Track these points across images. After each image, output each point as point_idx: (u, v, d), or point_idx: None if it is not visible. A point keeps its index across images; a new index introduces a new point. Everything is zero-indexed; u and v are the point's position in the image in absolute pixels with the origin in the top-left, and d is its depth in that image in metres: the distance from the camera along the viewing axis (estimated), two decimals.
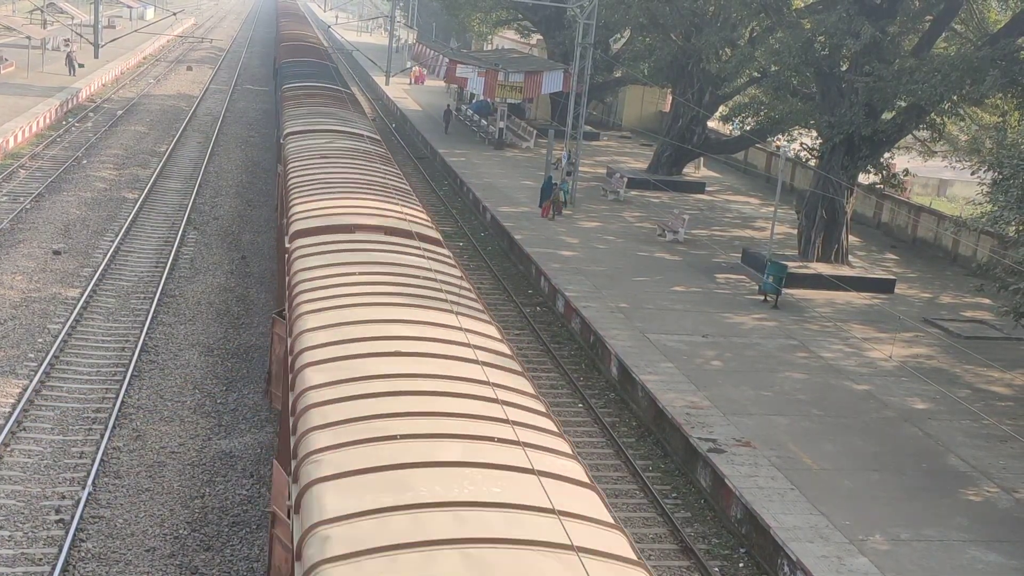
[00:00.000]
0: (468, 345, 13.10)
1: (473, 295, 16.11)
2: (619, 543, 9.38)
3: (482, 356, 12.93)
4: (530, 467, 9.91)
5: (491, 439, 10.63)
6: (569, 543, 8.70)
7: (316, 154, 26.11)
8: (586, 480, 10.54)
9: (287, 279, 16.54)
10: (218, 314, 26.02)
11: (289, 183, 22.80)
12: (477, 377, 12.18)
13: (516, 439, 10.51)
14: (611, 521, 9.77)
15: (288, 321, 14.62)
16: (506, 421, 10.95)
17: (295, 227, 18.74)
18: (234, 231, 34.23)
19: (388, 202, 21.19)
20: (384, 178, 24.00)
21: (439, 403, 11.40)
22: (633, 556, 9.25)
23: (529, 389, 12.54)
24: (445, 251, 18.68)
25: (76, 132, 48.94)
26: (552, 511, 9.20)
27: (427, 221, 20.75)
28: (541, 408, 12.07)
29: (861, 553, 16.18)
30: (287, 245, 18.19)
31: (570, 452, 11.12)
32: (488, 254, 34.18)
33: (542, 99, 58.21)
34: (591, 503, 10.03)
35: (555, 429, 11.67)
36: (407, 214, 20.34)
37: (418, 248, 17.84)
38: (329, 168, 24.54)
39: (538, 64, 54.34)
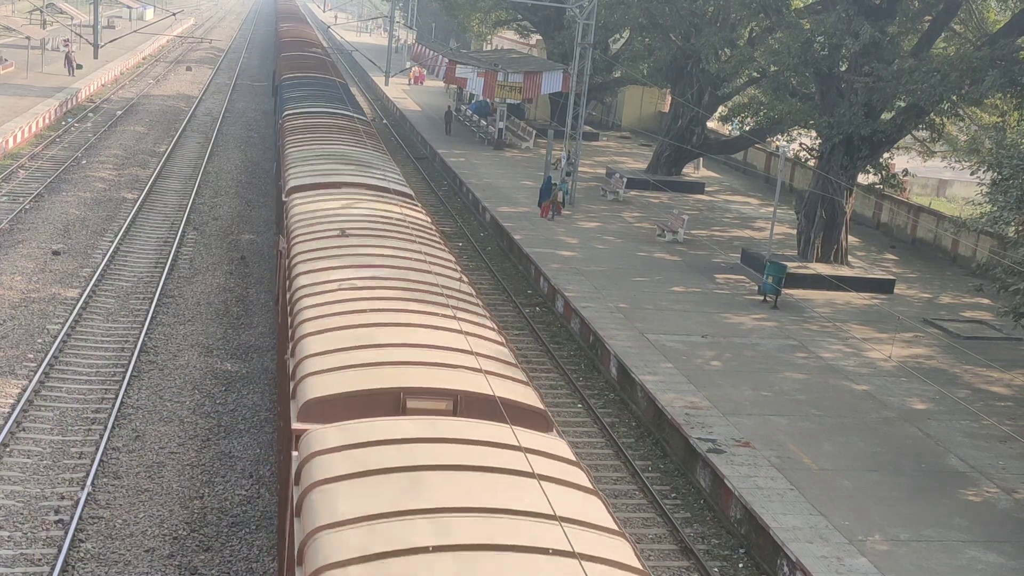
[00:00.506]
0: None
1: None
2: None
3: None
4: None
5: None
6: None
7: (332, 228, 18.96)
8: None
9: (294, 527, 9.95)
10: (217, 314, 26.02)
11: (296, 284, 16.04)
12: None
13: None
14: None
15: None
16: None
17: (309, 390, 12.20)
18: (233, 231, 34.23)
19: (445, 323, 14.45)
20: (432, 270, 16.90)
21: None
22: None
23: None
24: (563, 448, 11.52)
25: (75, 132, 48.93)
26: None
27: (514, 367, 13.70)
28: None
29: (860, 553, 16.18)
30: (294, 426, 11.78)
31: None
32: (488, 254, 34.18)
33: (541, 99, 58.20)
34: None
35: None
36: (479, 353, 13.37)
37: (517, 446, 10.79)
38: (353, 254, 17.36)
39: (537, 64, 54.34)
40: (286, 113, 34.20)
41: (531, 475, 10.10)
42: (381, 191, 23.13)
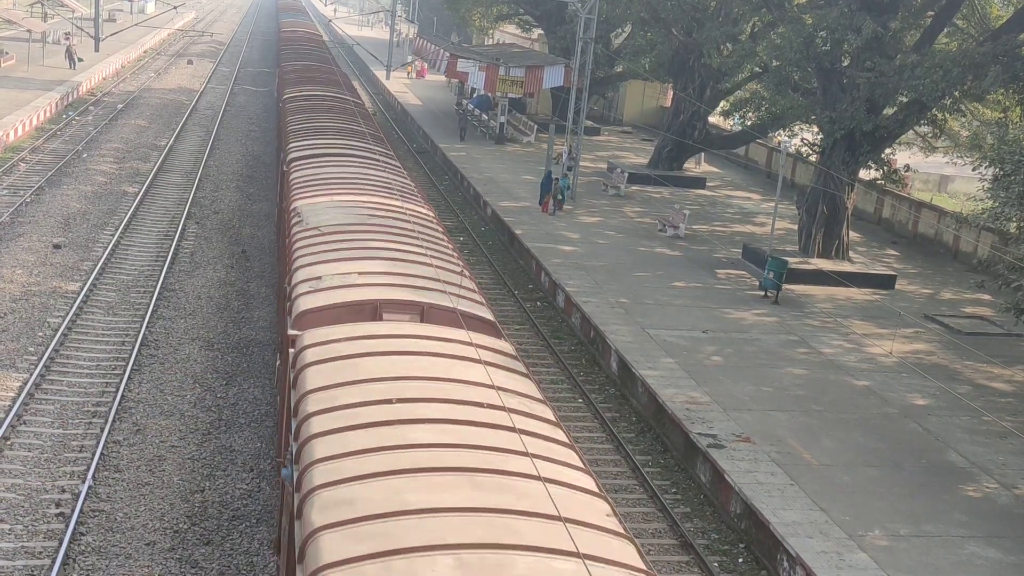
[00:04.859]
0: None
1: None
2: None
3: None
4: None
5: None
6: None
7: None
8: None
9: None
10: (218, 308, 26.02)
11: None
12: None
13: None
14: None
15: None
16: None
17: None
18: (234, 225, 34.21)
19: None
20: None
21: None
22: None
23: None
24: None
25: (76, 126, 48.91)
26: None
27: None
28: None
29: (860, 549, 16.19)
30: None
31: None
32: (488, 249, 34.16)
33: (543, 94, 58.12)
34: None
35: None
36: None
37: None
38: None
39: (539, 59, 54.28)
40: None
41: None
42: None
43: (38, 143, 43.56)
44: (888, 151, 34.13)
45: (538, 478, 9.62)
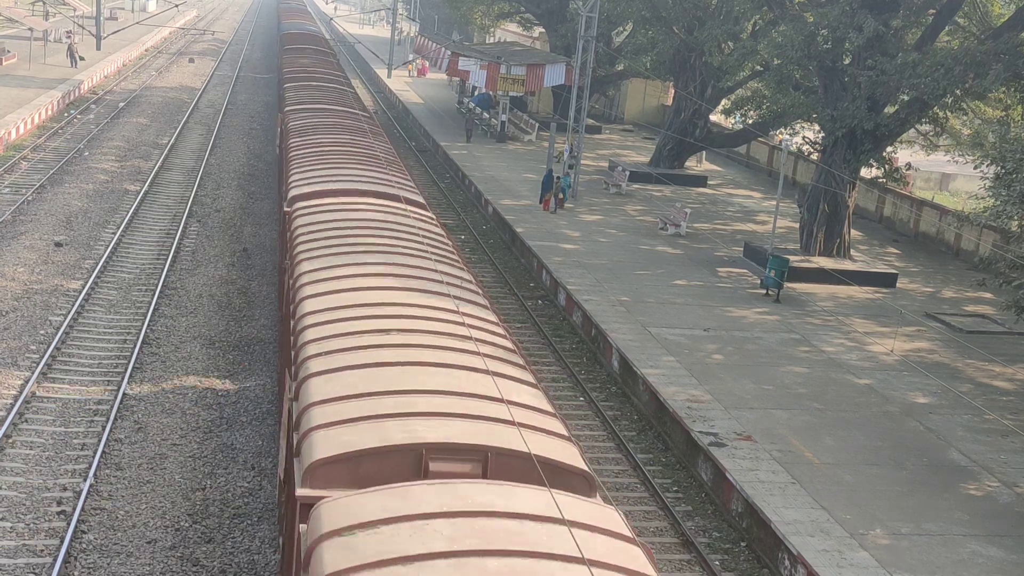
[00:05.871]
0: None
1: None
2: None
3: None
4: None
5: None
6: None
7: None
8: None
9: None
10: (220, 307, 26.03)
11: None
12: None
13: None
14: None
15: None
16: None
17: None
18: (236, 223, 34.22)
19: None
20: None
21: None
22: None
23: None
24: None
25: (78, 124, 48.92)
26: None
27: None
28: None
29: (862, 547, 16.19)
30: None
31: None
32: (490, 247, 34.17)
33: (544, 92, 58.09)
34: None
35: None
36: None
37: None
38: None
39: (540, 57, 54.26)
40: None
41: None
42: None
43: (40, 141, 43.57)
44: (889, 149, 34.11)
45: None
